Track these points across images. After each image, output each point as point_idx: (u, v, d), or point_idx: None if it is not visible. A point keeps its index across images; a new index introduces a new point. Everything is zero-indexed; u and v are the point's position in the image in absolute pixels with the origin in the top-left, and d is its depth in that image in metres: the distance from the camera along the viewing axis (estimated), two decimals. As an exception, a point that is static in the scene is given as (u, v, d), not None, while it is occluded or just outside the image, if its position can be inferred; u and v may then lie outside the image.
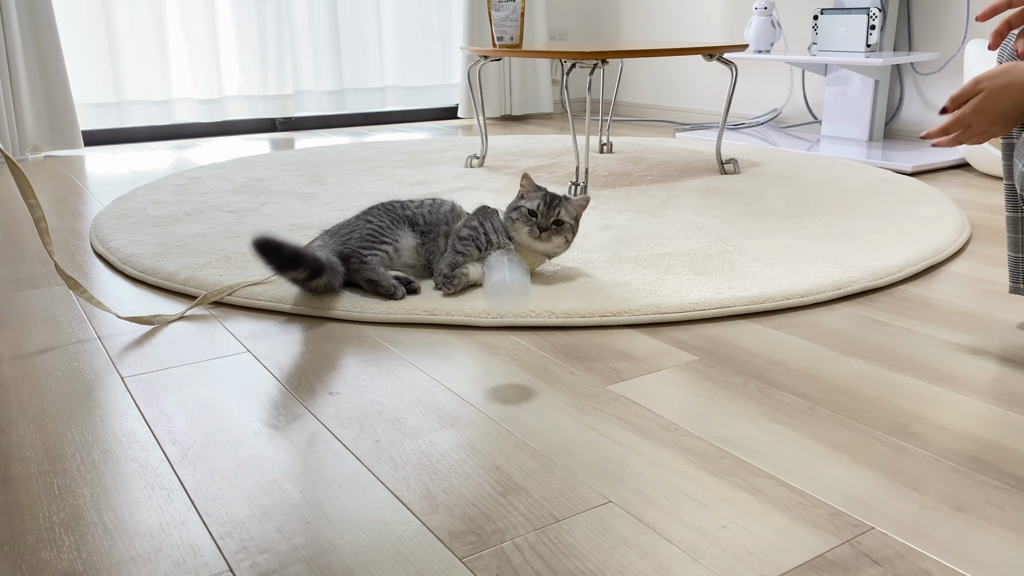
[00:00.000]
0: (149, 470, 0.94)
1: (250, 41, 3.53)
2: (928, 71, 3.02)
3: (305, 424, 1.04)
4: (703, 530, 0.82)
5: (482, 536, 0.81)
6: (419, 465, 0.94)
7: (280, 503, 0.87)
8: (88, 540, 0.81)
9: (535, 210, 1.48)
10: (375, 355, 1.25)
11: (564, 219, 1.49)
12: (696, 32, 3.85)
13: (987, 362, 1.21)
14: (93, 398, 1.12)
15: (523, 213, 1.49)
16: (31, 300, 1.51)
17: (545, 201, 1.49)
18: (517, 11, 2.47)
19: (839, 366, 1.20)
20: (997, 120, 1.07)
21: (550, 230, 1.48)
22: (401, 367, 1.21)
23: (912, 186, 2.32)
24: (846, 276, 1.53)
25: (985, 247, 1.80)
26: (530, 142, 3.26)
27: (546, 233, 1.48)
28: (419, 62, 3.98)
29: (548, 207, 1.48)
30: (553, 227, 1.48)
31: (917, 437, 1.00)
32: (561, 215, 1.49)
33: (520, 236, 1.50)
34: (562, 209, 1.49)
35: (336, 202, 2.19)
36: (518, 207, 1.50)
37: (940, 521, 0.83)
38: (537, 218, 1.48)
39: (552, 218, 1.48)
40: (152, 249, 1.75)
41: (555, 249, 1.52)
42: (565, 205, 1.50)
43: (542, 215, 1.48)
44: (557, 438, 1.00)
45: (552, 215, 1.48)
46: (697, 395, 1.11)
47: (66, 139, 3.09)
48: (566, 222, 1.50)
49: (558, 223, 1.49)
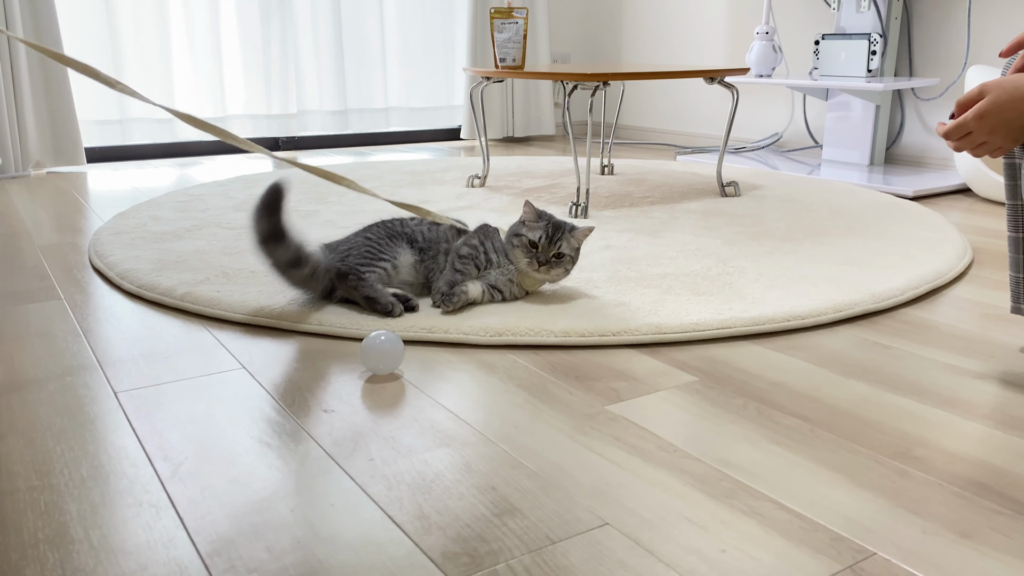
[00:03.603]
0: (138, 486, 0.92)
1: (254, 60, 3.55)
2: (929, 96, 3.02)
3: (298, 442, 1.03)
4: (702, 554, 0.80)
5: (476, 558, 0.80)
6: (413, 485, 0.93)
7: (271, 521, 0.86)
8: (73, 557, 0.80)
9: (536, 242, 1.46)
10: (371, 373, 1.24)
11: (565, 251, 1.47)
12: (697, 57, 3.87)
13: (990, 386, 1.20)
14: (85, 413, 1.11)
15: (523, 243, 1.47)
16: (27, 314, 1.50)
17: (547, 234, 1.46)
18: (520, 33, 2.48)
19: (841, 389, 1.19)
20: (998, 129, 1.05)
21: (550, 263, 1.46)
22: (397, 385, 1.20)
23: (913, 210, 2.31)
24: (847, 298, 1.52)
25: (987, 271, 1.79)
26: (532, 163, 3.26)
27: (545, 267, 1.46)
28: (422, 83, 3.99)
29: (550, 241, 1.46)
30: (553, 260, 1.46)
31: (920, 461, 0.98)
32: (562, 248, 1.46)
33: (519, 264, 1.48)
34: (564, 242, 1.47)
35: (337, 220, 2.18)
36: (519, 234, 1.48)
37: (944, 547, 0.81)
38: (538, 250, 1.46)
39: (553, 252, 1.46)
40: (150, 265, 1.74)
41: (554, 279, 1.51)
42: (567, 237, 1.47)
43: (543, 248, 1.46)
44: (554, 459, 0.99)
45: (553, 249, 1.46)
46: (697, 416, 1.10)
47: (69, 155, 3.09)
48: (566, 254, 1.47)
49: (559, 255, 1.47)
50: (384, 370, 1.22)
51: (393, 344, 1.21)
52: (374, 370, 1.22)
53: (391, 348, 1.21)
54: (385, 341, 1.20)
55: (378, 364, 1.21)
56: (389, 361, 1.21)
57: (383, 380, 1.21)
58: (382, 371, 1.22)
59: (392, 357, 1.21)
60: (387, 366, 1.21)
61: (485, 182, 2.75)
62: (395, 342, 1.21)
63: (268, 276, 1.65)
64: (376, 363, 1.21)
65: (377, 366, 1.21)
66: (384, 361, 1.21)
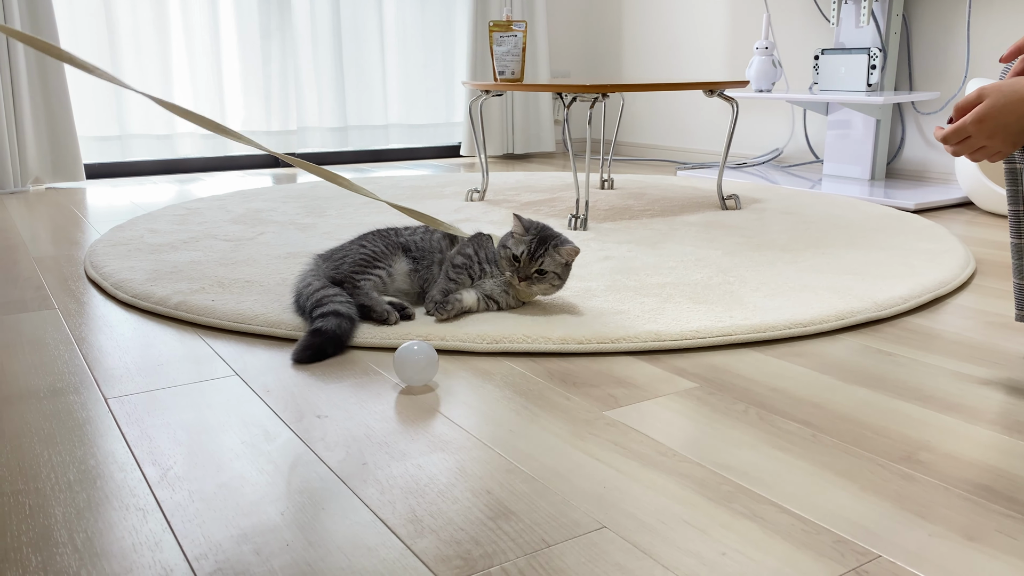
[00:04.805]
0: (126, 491, 0.90)
1: (255, 77, 3.56)
2: (929, 111, 3.02)
3: (290, 447, 1.01)
4: (701, 556, 0.78)
5: (469, 560, 0.78)
6: (406, 488, 0.91)
7: (260, 525, 0.84)
8: (56, 560, 0.78)
9: (518, 256, 1.44)
10: (366, 379, 1.22)
11: (548, 268, 1.43)
12: (697, 74, 3.88)
13: (995, 392, 1.18)
14: (74, 419, 1.09)
15: (507, 256, 1.45)
16: (19, 323, 1.49)
17: (529, 249, 1.43)
18: (518, 46, 2.48)
19: (843, 394, 1.17)
20: (997, 133, 1.03)
21: (531, 279, 1.44)
22: (392, 392, 1.18)
23: (915, 222, 2.30)
24: (849, 307, 1.50)
25: (990, 281, 1.77)
26: (531, 178, 3.25)
27: (525, 282, 1.44)
28: (422, 100, 4.00)
29: (531, 257, 1.42)
30: (535, 276, 1.43)
31: (925, 465, 0.96)
32: (545, 265, 1.43)
33: (506, 275, 1.46)
34: (546, 259, 1.43)
35: (334, 232, 2.17)
36: (506, 246, 1.46)
37: (950, 550, 0.79)
38: (519, 265, 1.44)
39: (533, 268, 1.43)
40: (145, 275, 1.73)
41: (535, 294, 1.48)
42: (551, 253, 1.43)
43: (524, 264, 1.43)
44: (550, 463, 0.97)
45: (534, 265, 1.42)
46: (696, 422, 1.08)
47: (68, 171, 3.09)
48: (549, 271, 1.43)
49: (541, 272, 1.43)
50: (420, 382, 1.18)
51: (428, 355, 1.17)
52: (410, 382, 1.18)
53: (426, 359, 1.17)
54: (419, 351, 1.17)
55: (415, 377, 1.18)
56: (428, 373, 1.18)
57: (378, 387, 1.19)
58: (418, 383, 1.19)
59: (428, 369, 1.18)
60: (424, 378, 1.18)
61: (484, 196, 2.74)
62: (429, 352, 1.18)
63: (263, 286, 1.64)
64: (412, 376, 1.17)
65: (414, 379, 1.18)
66: (424, 374, 1.18)
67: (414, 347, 1.17)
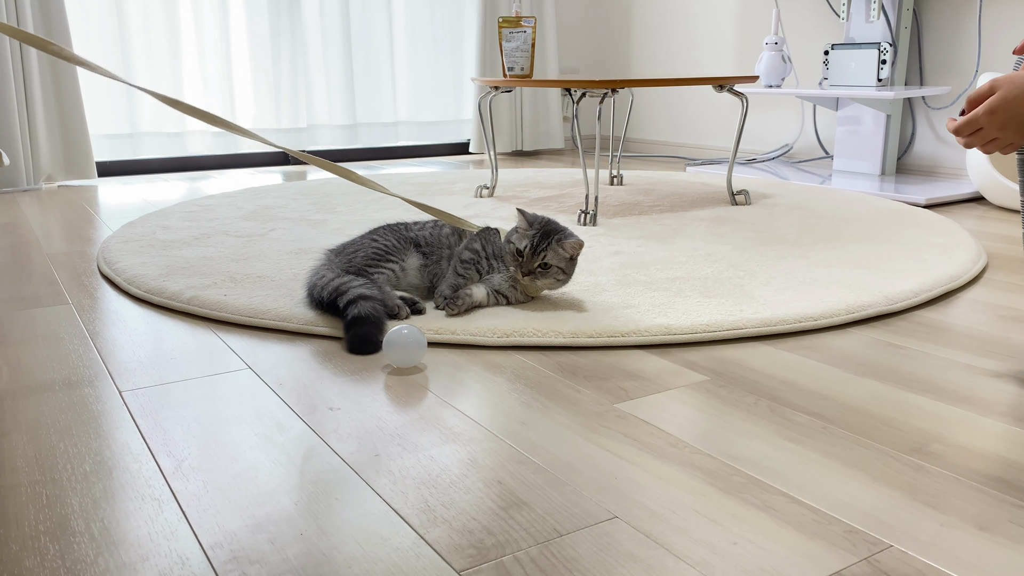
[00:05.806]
0: (141, 481, 0.91)
1: (264, 75, 3.57)
2: (940, 105, 3.01)
3: (303, 438, 1.02)
4: (713, 546, 0.78)
5: (481, 550, 0.78)
6: (419, 479, 0.91)
7: (274, 515, 0.84)
8: (73, 549, 0.79)
9: (522, 251, 1.44)
10: (378, 373, 1.23)
11: (551, 263, 1.43)
12: (707, 70, 3.87)
13: (1007, 384, 1.17)
14: (89, 411, 1.10)
15: (511, 251, 1.46)
16: (34, 318, 1.50)
17: (532, 244, 1.43)
18: (528, 42, 2.48)
19: (854, 387, 1.17)
20: (1009, 125, 1.03)
21: (534, 273, 1.44)
22: (404, 384, 1.18)
23: (926, 217, 2.29)
24: (860, 300, 1.50)
25: (1002, 275, 1.77)
26: (540, 175, 3.26)
27: (529, 276, 1.44)
28: (432, 97, 4.00)
29: (534, 252, 1.43)
30: (538, 270, 1.44)
31: (936, 457, 0.96)
32: (548, 259, 1.43)
33: (511, 270, 1.47)
34: (549, 253, 1.43)
35: (345, 228, 2.18)
36: (511, 241, 1.46)
37: (962, 539, 0.79)
38: (523, 259, 1.44)
39: (536, 263, 1.43)
40: (158, 271, 1.74)
41: (541, 288, 1.48)
42: (555, 248, 1.43)
43: (527, 258, 1.43)
44: (562, 454, 0.97)
45: (537, 259, 1.43)
46: (707, 414, 1.08)
47: (81, 169, 3.11)
48: (552, 265, 1.44)
49: (544, 266, 1.44)
50: (407, 363, 1.23)
51: (415, 337, 1.22)
52: (397, 363, 1.24)
53: (413, 341, 1.22)
54: (408, 335, 1.22)
55: (401, 358, 1.23)
56: (415, 353, 1.23)
57: (389, 380, 1.20)
58: (404, 364, 1.24)
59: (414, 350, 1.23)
60: (410, 359, 1.23)
61: (493, 192, 2.75)
62: (417, 335, 1.23)
63: (274, 281, 1.65)
64: (398, 357, 1.23)
65: (400, 359, 1.23)
66: (408, 354, 1.23)
67: (403, 330, 1.23)
